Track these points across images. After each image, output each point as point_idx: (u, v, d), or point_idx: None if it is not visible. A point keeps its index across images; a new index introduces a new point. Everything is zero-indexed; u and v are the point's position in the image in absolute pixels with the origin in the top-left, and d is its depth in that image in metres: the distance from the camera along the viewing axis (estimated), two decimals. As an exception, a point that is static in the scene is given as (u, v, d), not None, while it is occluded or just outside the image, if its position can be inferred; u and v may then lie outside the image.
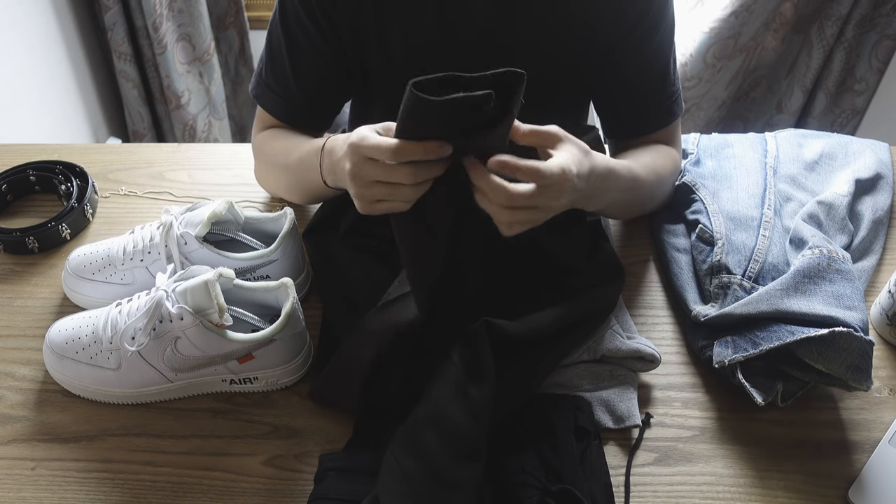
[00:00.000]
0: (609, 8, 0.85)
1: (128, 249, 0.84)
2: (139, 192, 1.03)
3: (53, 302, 0.88)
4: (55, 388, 0.79)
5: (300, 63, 0.89)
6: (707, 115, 2.02)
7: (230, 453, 0.74)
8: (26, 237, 0.92)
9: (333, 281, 0.87)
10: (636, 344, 0.77)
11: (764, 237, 0.84)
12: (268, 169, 0.96)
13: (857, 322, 0.73)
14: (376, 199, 0.68)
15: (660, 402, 0.78)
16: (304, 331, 0.79)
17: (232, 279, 0.76)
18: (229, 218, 0.85)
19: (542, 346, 0.76)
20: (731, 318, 0.78)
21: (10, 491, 0.71)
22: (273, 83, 0.91)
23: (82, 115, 2.00)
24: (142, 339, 0.72)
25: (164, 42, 1.94)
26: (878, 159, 1.00)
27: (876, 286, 0.90)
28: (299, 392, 0.79)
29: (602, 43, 0.87)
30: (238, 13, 2.12)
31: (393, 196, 0.67)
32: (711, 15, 1.84)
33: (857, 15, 1.80)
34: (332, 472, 0.68)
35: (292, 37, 0.87)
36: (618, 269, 0.83)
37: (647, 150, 0.90)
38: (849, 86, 1.94)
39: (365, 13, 0.85)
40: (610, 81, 0.92)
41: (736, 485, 0.71)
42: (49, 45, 1.83)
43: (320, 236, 0.91)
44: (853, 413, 0.77)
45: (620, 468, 0.72)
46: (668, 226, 0.93)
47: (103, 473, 0.72)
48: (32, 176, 1.01)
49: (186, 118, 2.12)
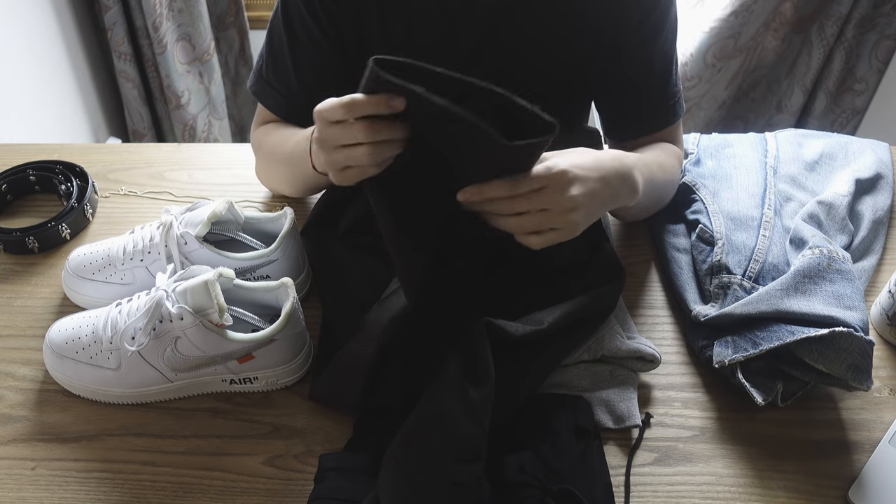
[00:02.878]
0: (613, 7, 0.85)
1: (128, 249, 0.84)
2: (139, 192, 1.03)
3: (53, 302, 0.88)
4: (55, 388, 0.79)
5: (301, 61, 0.89)
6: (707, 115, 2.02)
7: (230, 453, 0.74)
8: (26, 237, 0.92)
9: (333, 280, 0.87)
10: (636, 344, 0.77)
11: (764, 237, 0.84)
12: (265, 163, 0.96)
13: (857, 322, 0.73)
14: (343, 166, 0.68)
15: (660, 402, 0.78)
16: (304, 331, 0.79)
17: (232, 279, 0.76)
18: (229, 218, 0.85)
19: (542, 347, 0.76)
20: (731, 318, 0.78)
21: (10, 491, 0.70)
22: (273, 80, 0.91)
23: (82, 115, 2.00)
24: (142, 338, 0.72)
25: (164, 42, 1.94)
26: (879, 159, 1.00)
27: (876, 286, 0.90)
28: (299, 392, 0.79)
29: (606, 42, 0.87)
30: (238, 13, 2.12)
31: (356, 159, 0.66)
32: (711, 15, 1.84)
33: (857, 15, 1.80)
34: (332, 472, 0.68)
35: (294, 34, 0.87)
36: (618, 269, 0.83)
37: (654, 148, 0.90)
38: (849, 86, 1.94)
39: (368, 11, 0.85)
40: (613, 81, 0.91)
41: (736, 485, 0.71)
42: (49, 45, 1.83)
43: (320, 236, 0.91)
44: (853, 413, 0.77)
45: (620, 468, 0.72)
46: (669, 226, 0.93)
47: (103, 473, 0.72)
48: (32, 176, 1.01)
49: (186, 118, 2.12)
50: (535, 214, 0.67)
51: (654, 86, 0.90)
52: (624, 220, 0.98)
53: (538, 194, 0.66)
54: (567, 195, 0.68)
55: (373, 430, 0.73)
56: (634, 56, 0.88)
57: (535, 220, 0.68)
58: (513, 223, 0.68)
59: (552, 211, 0.68)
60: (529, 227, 0.68)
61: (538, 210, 0.67)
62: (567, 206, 0.68)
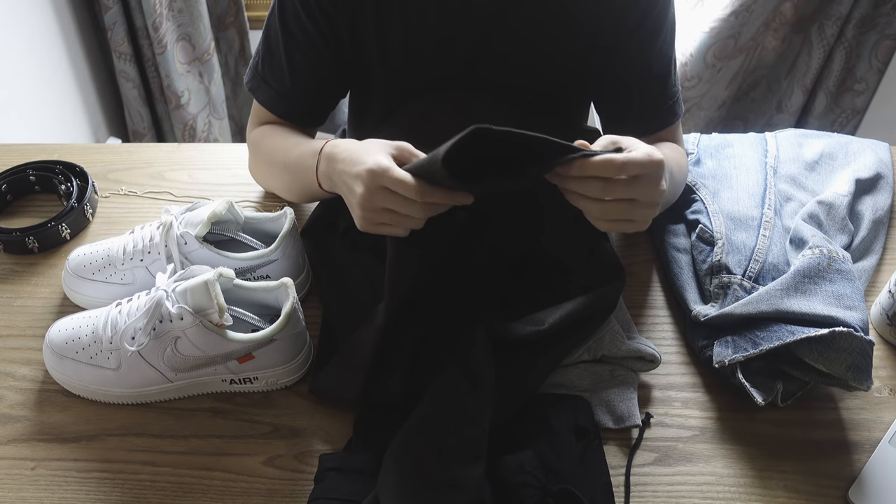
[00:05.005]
0: (609, 10, 0.85)
1: (128, 249, 0.84)
2: (139, 192, 1.03)
3: (53, 302, 0.88)
4: (55, 388, 0.79)
5: (297, 60, 0.89)
6: (707, 115, 2.02)
7: (230, 453, 0.74)
8: (26, 237, 0.92)
9: (333, 281, 0.87)
10: (636, 344, 0.77)
11: (764, 237, 0.84)
12: (264, 166, 0.96)
13: (857, 322, 0.73)
14: (380, 223, 0.69)
15: (660, 402, 0.78)
16: (304, 331, 0.79)
17: (232, 279, 0.76)
18: (229, 218, 0.85)
19: (543, 347, 0.76)
20: (731, 318, 0.78)
21: (10, 491, 0.70)
22: (269, 78, 0.91)
23: (82, 115, 2.00)
24: (142, 338, 0.72)
25: (164, 42, 1.94)
26: (879, 159, 1.00)
27: (876, 286, 0.90)
28: (299, 392, 0.79)
29: (603, 45, 0.87)
30: (238, 13, 2.12)
31: (400, 225, 0.68)
32: (711, 15, 1.84)
33: (857, 15, 1.80)
34: (332, 472, 0.68)
35: (290, 33, 0.87)
36: (618, 269, 0.83)
37: (665, 146, 0.90)
38: (849, 86, 1.94)
39: (364, 13, 0.85)
40: (610, 83, 0.91)
41: (736, 485, 0.71)
42: (49, 45, 1.83)
43: (320, 236, 0.91)
44: (853, 413, 0.77)
45: (620, 468, 0.72)
46: (669, 226, 0.93)
47: (103, 473, 0.72)
48: (32, 176, 1.01)
49: (186, 118, 2.12)
50: (620, 203, 0.66)
51: (653, 87, 0.90)
52: None
53: (633, 183, 0.65)
54: (659, 189, 0.66)
55: (373, 426, 0.73)
56: (632, 58, 0.88)
57: (619, 208, 0.66)
58: (596, 209, 0.66)
59: (639, 202, 0.66)
60: (614, 215, 0.66)
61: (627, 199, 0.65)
62: (655, 200, 0.67)
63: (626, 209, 0.66)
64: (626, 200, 0.66)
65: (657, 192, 0.66)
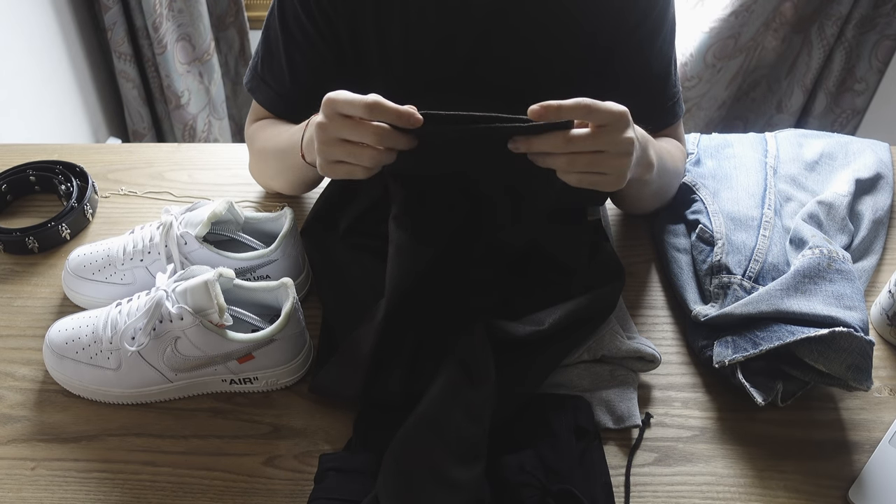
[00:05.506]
0: (610, 9, 0.85)
1: (128, 249, 0.84)
2: (139, 192, 1.03)
3: (53, 302, 0.88)
4: (55, 388, 0.79)
5: (297, 61, 0.89)
6: (707, 115, 2.03)
7: (230, 453, 0.74)
8: (26, 237, 0.92)
9: (333, 280, 0.87)
10: (636, 344, 0.77)
11: (764, 237, 0.84)
12: (258, 157, 0.96)
13: (857, 322, 0.73)
14: (337, 159, 0.68)
15: (660, 402, 0.78)
16: (304, 331, 0.79)
17: (232, 279, 0.76)
18: (229, 218, 0.85)
19: (543, 347, 0.76)
20: (731, 318, 0.78)
21: (10, 491, 0.71)
22: (268, 78, 0.91)
23: (82, 115, 2.00)
24: (142, 339, 0.72)
25: (164, 42, 1.94)
26: (879, 159, 1.00)
27: (876, 286, 0.90)
28: (299, 392, 0.79)
29: (602, 45, 0.87)
30: (238, 13, 2.12)
31: (354, 157, 0.67)
32: (711, 15, 1.84)
33: (857, 15, 1.80)
34: (332, 472, 0.68)
35: (290, 34, 0.87)
36: (618, 269, 0.83)
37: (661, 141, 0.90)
38: (849, 86, 1.94)
39: (364, 14, 0.85)
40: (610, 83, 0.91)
41: (736, 485, 0.71)
42: (49, 45, 1.83)
43: (320, 236, 0.91)
44: (853, 413, 0.77)
45: (620, 468, 0.72)
46: (669, 226, 0.93)
47: (103, 473, 0.72)
48: (32, 176, 1.01)
49: (186, 118, 2.12)
50: (587, 154, 0.66)
51: (653, 87, 0.90)
52: (631, 211, 0.98)
53: (598, 133, 0.65)
54: (625, 136, 0.66)
55: (373, 424, 0.73)
56: (632, 58, 0.88)
57: (586, 158, 0.66)
58: (563, 161, 0.66)
59: (608, 153, 0.66)
60: (580, 165, 0.66)
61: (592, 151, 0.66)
62: (624, 150, 0.67)
63: (595, 160, 0.66)
64: (593, 153, 0.66)
65: (624, 141, 0.67)
